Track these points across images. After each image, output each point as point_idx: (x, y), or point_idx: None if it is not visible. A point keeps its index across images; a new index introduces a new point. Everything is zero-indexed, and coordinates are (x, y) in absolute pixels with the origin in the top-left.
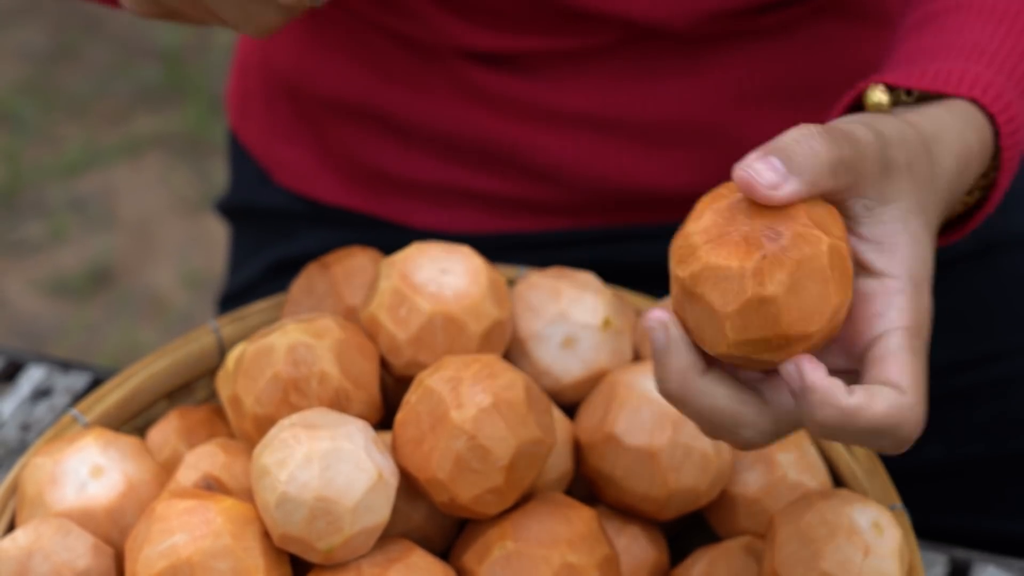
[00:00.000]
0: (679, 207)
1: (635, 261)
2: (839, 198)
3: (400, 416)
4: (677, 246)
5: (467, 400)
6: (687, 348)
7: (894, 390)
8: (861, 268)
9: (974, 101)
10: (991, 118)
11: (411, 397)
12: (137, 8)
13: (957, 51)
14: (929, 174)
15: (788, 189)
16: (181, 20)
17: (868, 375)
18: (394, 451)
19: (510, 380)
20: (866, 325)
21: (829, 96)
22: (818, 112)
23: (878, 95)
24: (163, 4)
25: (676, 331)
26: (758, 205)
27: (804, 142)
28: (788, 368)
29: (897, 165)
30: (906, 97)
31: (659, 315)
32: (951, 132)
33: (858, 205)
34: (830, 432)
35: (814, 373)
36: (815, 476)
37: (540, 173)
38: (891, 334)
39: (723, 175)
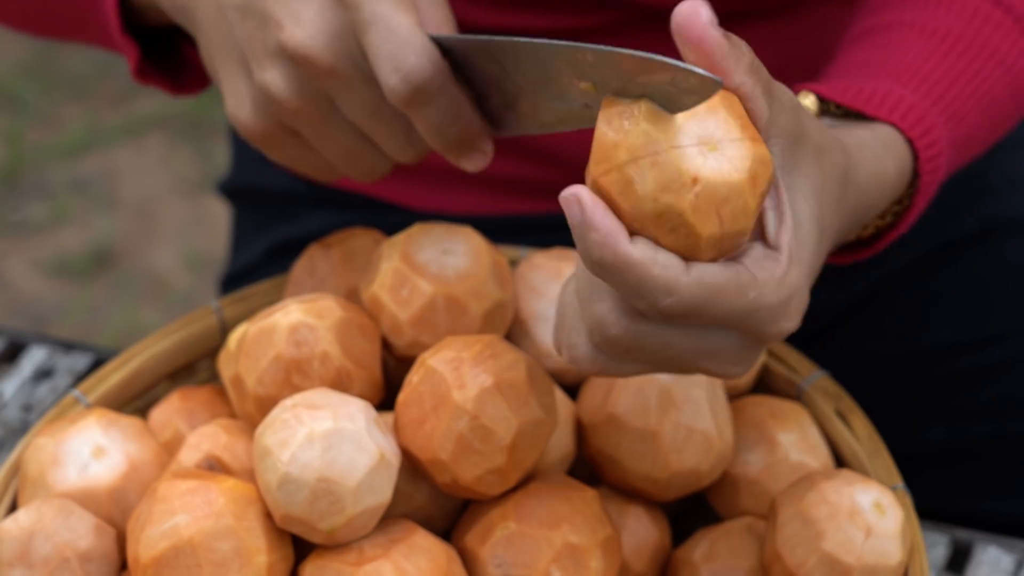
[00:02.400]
0: None
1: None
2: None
3: (402, 397)
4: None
5: (469, 380)
6: (608, 213)
7: (706, 267)
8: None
9: (895, 126)
10: (911, 143)
11: (413, 378)
12: (252, 121)
13: (889, 70)
14: (838, 176)
15: (708, 27)
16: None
17: None
18: (396, 431)
19: (512, 360)
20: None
21: None
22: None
23: (807, 102)
24: (286, 118)
25: (593, 198)
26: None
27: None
28: (567, 195)
29: (809, 138)
30: (835, 110)
31: (573, 189)
32: (869, 153)
33: (774, 148)
34: (602, 273)
35: (594, 204)
36: (817, 457)
37: (540, 154)
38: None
39: None
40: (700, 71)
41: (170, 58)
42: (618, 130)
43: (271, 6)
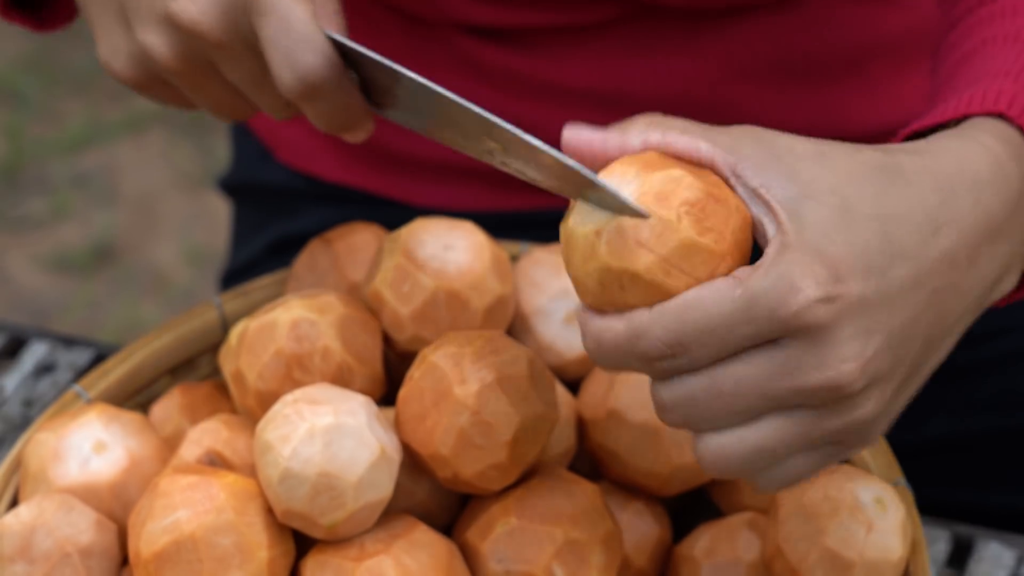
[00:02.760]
0: None
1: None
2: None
3: (403, 392)
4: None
5: (470, 376)
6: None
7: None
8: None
9: (995, 114)
10: (1011, 121)
11: (414, 373)
12: (126, 71)
13: (979, 80)
14: (870, 165)
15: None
16: (162, 96)
17: None
18: (397, 427)
19: (513, 356)
20: None
21: (830, 73)
22: (818, 88)
23: None
24: (164, 75)
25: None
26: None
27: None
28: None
29: (788, 148)
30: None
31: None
32: (947, 138)
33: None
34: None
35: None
36: None
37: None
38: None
39: None
40: (611, 189)
41: None
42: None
43: None
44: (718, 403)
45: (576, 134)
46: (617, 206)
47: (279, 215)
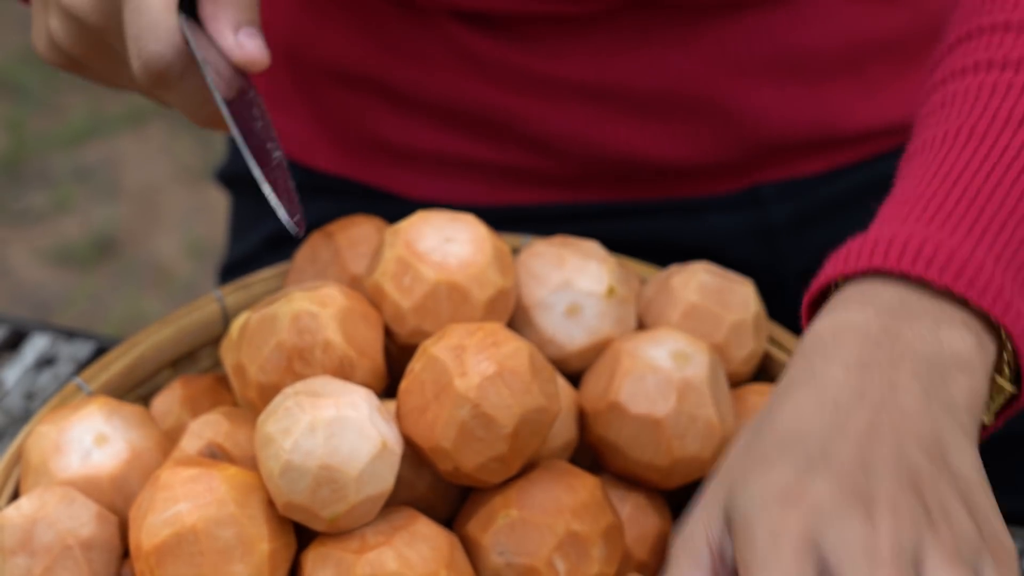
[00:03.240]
0: (676, 181)
1: (634, 237)
2: None
3: (404, 384)
4: None
5: (471, 368)
6: None
7: None
8: None
9: (848, 276)
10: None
11: (415, 365)
12: (46, 54)
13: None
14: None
15: None
16: (88, 75)
17: None
18: (398, 419)
19: (514, 348)
20: None
21: (828, 70)
22: (816, 85)
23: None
24: (75, 59)
25: None
26: None
27: None
28: None
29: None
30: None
31: None
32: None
33: None
34: None
35: None
36: None
37: (537, 143)
38: None
39: (719, 147)
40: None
41: None
42: None
43: None
44: None
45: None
46: None
47: None
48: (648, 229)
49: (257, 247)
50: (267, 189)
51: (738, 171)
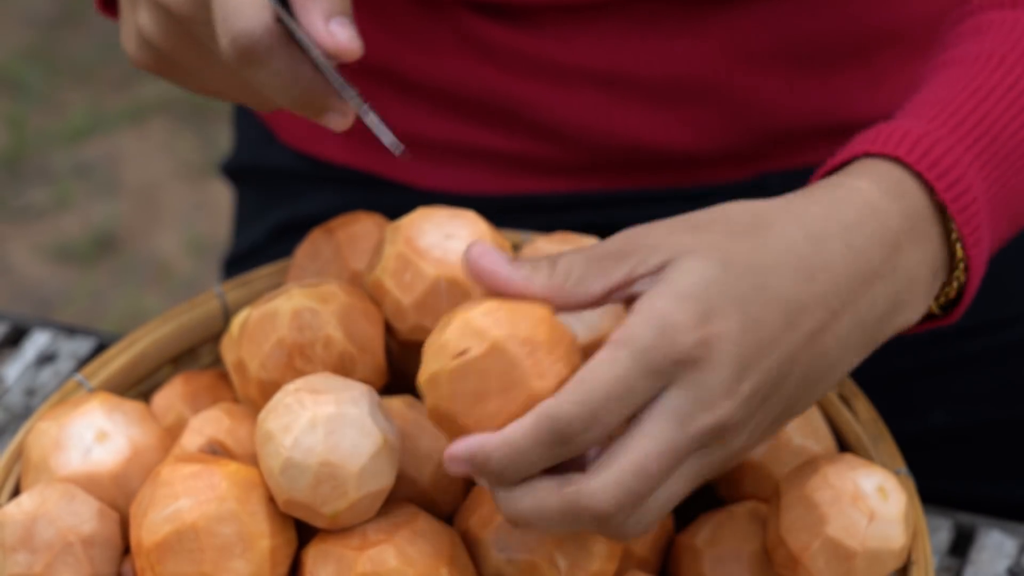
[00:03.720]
0: (684, 169)
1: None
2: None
3: (456, 364)
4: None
5: (547, 370)
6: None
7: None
8: None
9: (869, 154)
10: (904, 163)
11: (471, 348)
12: (136, 55)
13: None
14: (733, 226)
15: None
16: (181, 80)
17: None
18: (431, 387)
19: (570, 342)
20: None
21: (835, 60)
22: (823, 75)
23: None
24: (165, 56)
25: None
26: None
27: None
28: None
29: (662, 225)
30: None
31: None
32: (816, 188)
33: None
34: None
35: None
36: (820, 441)
37: (544, 130)
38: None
39: (727, 135)
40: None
41: None
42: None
43: None
44: (648, 483)
45: (481, 255)
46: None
47: (282, 199)
48: (655, 217)
49: (262, 239)
50: (374, 118)
51: (745, 159)
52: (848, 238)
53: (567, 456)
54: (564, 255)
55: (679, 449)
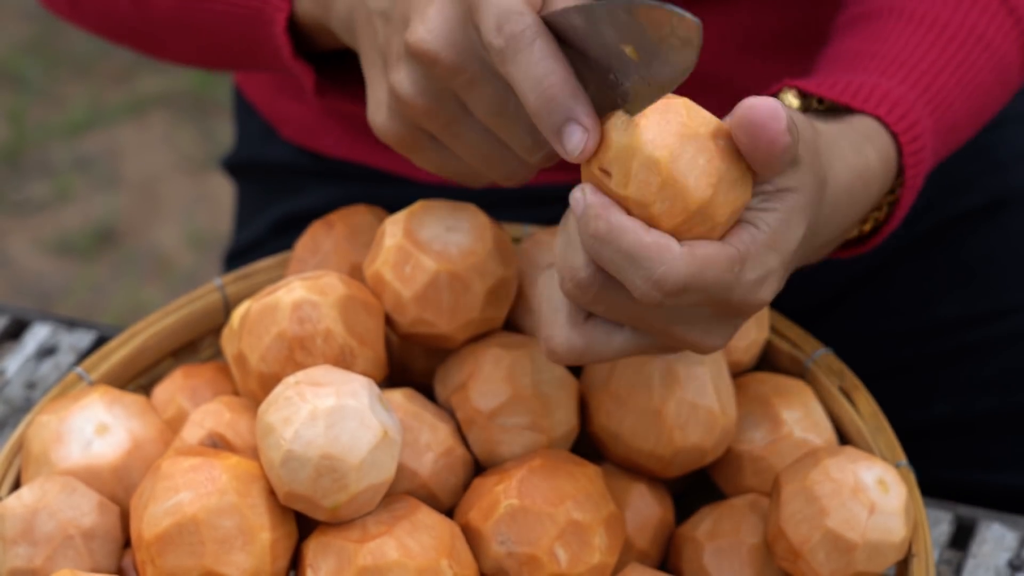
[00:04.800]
0: None
1: None
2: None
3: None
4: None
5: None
6: (603, 196)
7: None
8: None
9: (880, 119)
10: (895, 136)
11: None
12: (385, 125)
13: (877, 63)
14: (819, 177)
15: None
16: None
17: None
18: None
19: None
20: None
21: None
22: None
23: (789, 99)
24: (417, 121)
25: (592, 188)
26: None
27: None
28: (574, 192)
29: (795, 160)
30: (817, 105)
31: (579, 186)
32: (849, 145)
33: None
34: (592, 246)
35: (592, 190)
36: (820, 434)
37: None
38: None
39: None
40: (687, 16)
41: (348, 76)
42: (615, 128)
43: (405, 7)
44: (656, 317)
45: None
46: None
47: (283, 193)
48: None
49: (263, 233)
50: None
51: None
52: (849, 212)
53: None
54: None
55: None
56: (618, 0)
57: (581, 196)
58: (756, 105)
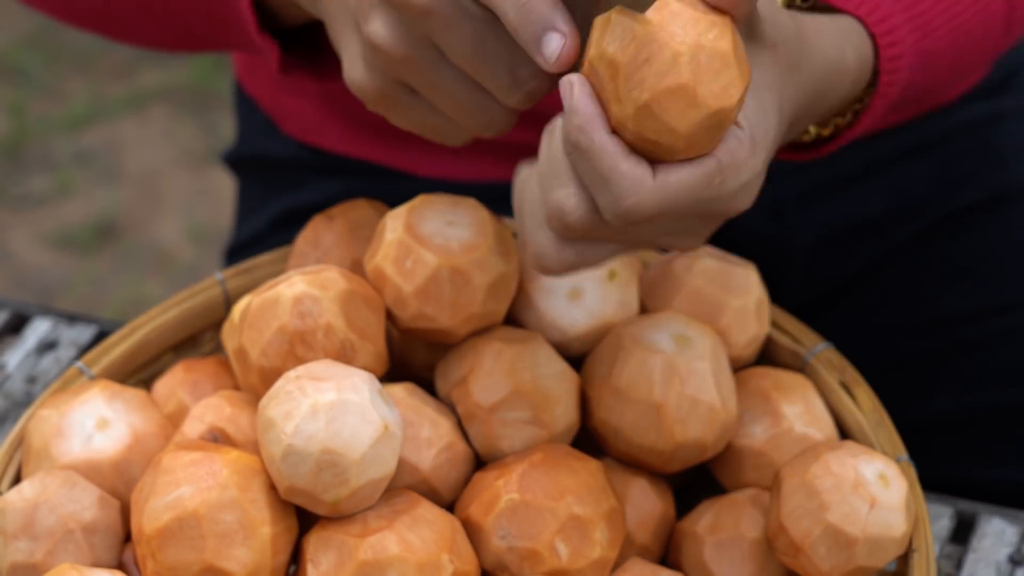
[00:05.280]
0: None
1: None
2: None
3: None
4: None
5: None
6: (594, 102)
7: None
8: None
9: (858, 18)
10: (873, 38)
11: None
12: (363, 80)
13: None
14: (793, 62)
15: None
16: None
17: None
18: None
19: None
20: None
21: None
22: None
23: None
24: (396, 73)
25: (584, 85)
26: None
27: None
28: (564, 80)
29: (763, 35)
30: (800, 3)
31: (571, 75)
32: (827, 38)
33: None
34: (574, 158)
35: (583, 90)
36: (821, 428)
37: (544, 117)
38: None
39: None
40: None
41: (313, 53)
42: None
43: None
44: (643, 238)
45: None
46: None
47: (284, 188)
48: None
49: (263, 228)
50: None
51: None
52: (820, 103)
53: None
54: None
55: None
56: None
57: (569, 93)
58: None
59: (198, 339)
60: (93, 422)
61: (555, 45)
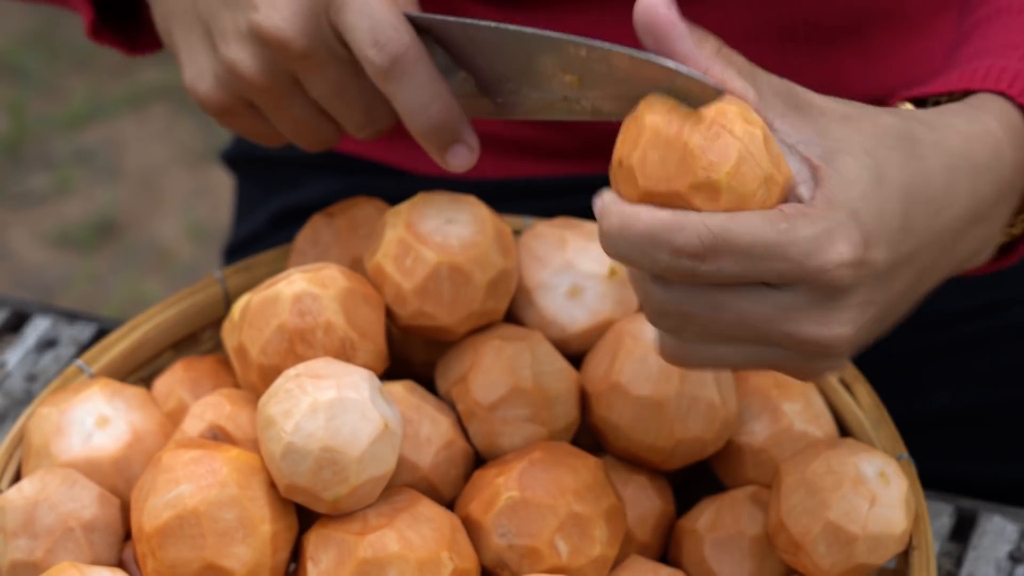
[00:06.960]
0: None
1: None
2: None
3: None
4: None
5: None
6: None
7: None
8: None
9: (999, 93)
10: (1017, 103)
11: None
12: (210, 94)
13: (987, 53)
14: (893, 133)
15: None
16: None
17: None
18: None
19: None
20: None
21: (830, 37)
22: (817, 52)
23: (906, 108)
24: (249, 95)
25: (611, 195)
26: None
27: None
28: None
29: (823, 107)
30: (932, 105)
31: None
32: (956, 115)
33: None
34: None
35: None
36: (821, 426)
37: None
38: None
39: None
40: (697, 75)
41: (127, 19)
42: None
43: None
44: (714, 325)
45: (655, 6)
46: (699, 95)
47: (282, 186)
48: None
49: (262, 226)
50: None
51: None
52: (975, 182)
53: (665, 268)
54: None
55: (764, 333)
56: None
57: (600, 202)
58: (638, 4)
59: (198, 337)
60: (93, 420)
61: (462, 159)
